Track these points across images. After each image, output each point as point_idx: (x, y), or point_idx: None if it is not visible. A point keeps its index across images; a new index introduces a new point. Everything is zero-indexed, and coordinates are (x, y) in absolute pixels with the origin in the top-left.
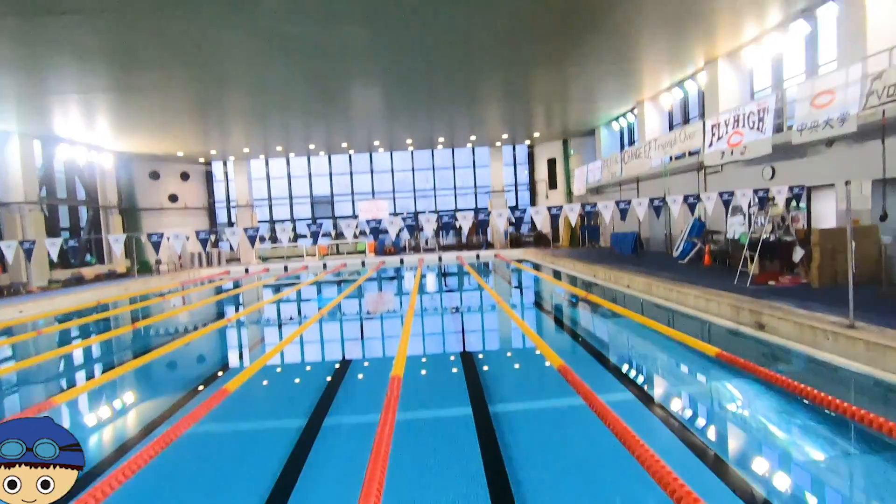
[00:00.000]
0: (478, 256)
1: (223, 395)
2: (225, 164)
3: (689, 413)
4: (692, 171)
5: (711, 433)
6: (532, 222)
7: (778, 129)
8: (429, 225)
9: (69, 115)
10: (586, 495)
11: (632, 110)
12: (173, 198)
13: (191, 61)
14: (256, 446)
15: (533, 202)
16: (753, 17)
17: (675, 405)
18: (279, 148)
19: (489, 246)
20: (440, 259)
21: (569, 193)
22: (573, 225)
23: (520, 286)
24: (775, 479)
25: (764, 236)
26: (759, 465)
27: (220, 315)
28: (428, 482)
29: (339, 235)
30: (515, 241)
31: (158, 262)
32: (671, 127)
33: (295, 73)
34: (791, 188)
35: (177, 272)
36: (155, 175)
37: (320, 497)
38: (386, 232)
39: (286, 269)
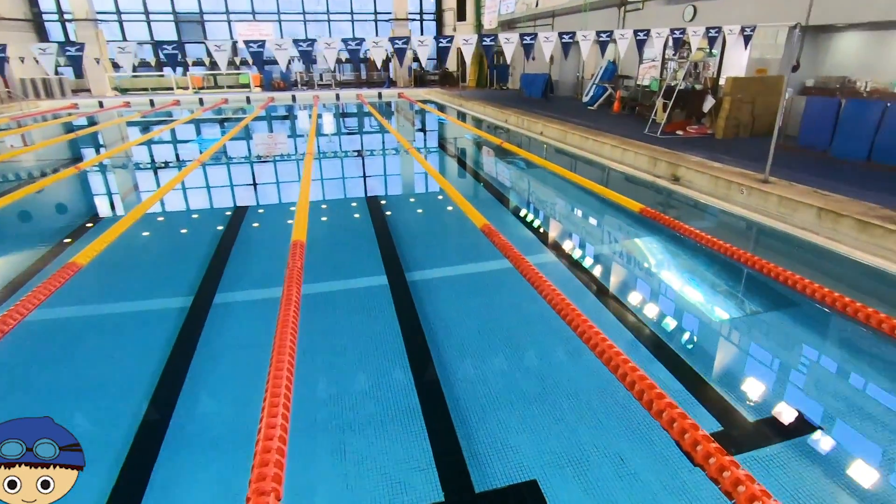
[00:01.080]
0: (380, 95)
1: (78, 266)
2: None
3: (614, 271)
4: (612, 7)
5: (632, 293)
6: (438, 58)
7: None
8: (329, 53)
9: None
10: (514, 359)
11: None
12: None
13: None
14: (134, 326)
15: (439, 34)
16: None
17: (601, 264)
18: None
19: (392, 84)
20: (338, 97)
21: (478, 26)
22: (483, 63)
23: (429, 131)
24: (695, 336)
25: (676, 83)
26: (681, 323)
27: (75, 160)
28: (341, 349)
29: (214, 65)
30: (420, 80)
31: None
32: None
33: None
34: (708, 30)
35: (3, 104)
36: None
37: (220, 381)
38: (273, 62)
39: (152, 103)
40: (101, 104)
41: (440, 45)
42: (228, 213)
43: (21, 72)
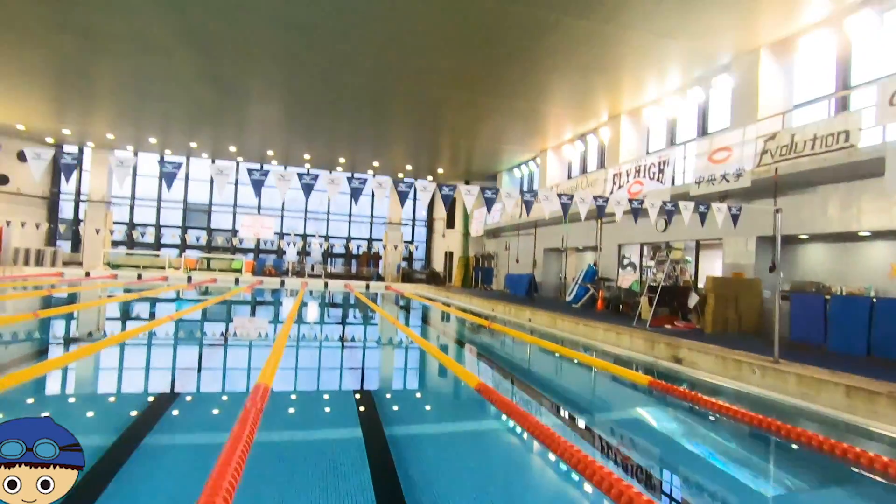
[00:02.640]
0: (367, 286)
1: None
2: (81, 150)
3: (629, 443)
4: (590, 220)
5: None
6: (426, 258)
7: (673, 182)
8: (318, 247)
9: None
10: None
11: (534, 159)
12: (3, 179)
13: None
14: None
15: (429, 239)
16: (655, 78)
17: (615, 435)
18: (153, 140)
19: (380, 278)
20: (326, 285)
21: (466, 234)
22: (468, 264)
23: (413, 309)
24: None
25: (661, 282)
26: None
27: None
28: None
29: (213, 249)
30: (407, 277)
31: None
32: (570, 178)
33: (185, 48)
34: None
35: None
36: None
37: None
38: (268, 251)
39: (140, 277)
40: (87, 274)
41: (428, 246)
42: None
43: (18, 241)
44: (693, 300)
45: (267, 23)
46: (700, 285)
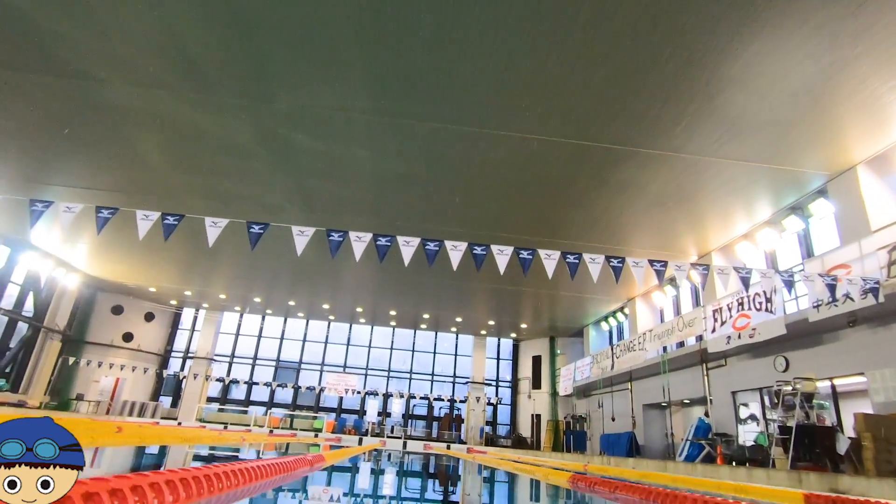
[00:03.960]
0: (448, 447)
1: None
2: (197, 310)
3: None
4: (694, 366)
5: None
6: (511, 422)
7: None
8: (398, 407)
9: (53, 220)
10: None
11: (622, 309)
12: (128, 337)
13: (205, 189)
14: None
15: (514, 400)
16: (743, 209)
17: None
18: (258, 300)
19: (461, 442)
20: (405, 446)
21: (554, 394)
22: (558, 428)
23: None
24: None
25: (796, 422)
26: None
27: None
28: None
29: (298, 407)
30: (490, 441)
31: (80, 396)
32: (663, 322)
33: (296, 207)
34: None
35: (96, 415)
36: (118, 310)
37: None
38: (351, 411)
39: (226, 427)
40: (178, 423)
41: (513, 408)
42: None
43: (128, 393)
44: (843, 444)
45: (366, 178)
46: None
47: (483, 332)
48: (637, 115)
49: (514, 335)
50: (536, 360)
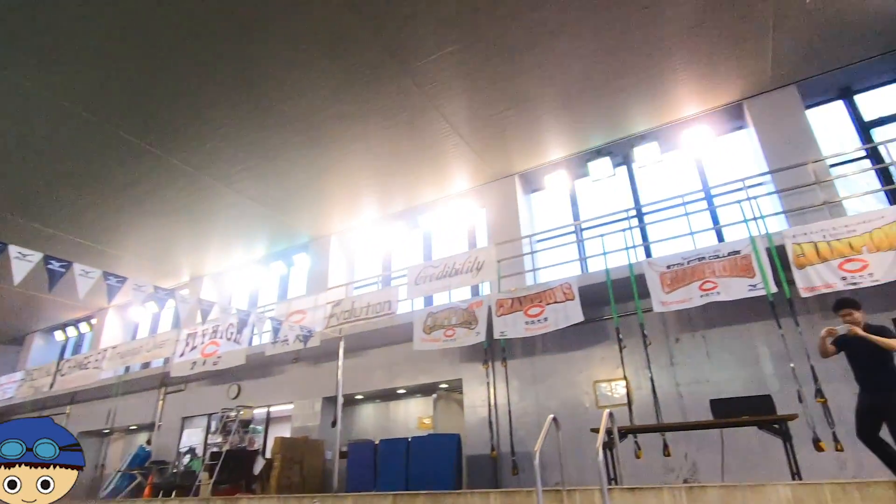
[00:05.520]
0: None
1: None
2: None
3: None
4: (152, 390)
5: None
6: None
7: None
8: None
9: None
10: None
11: (89, 319)
12: None
13: None
14: None
15: None
16: (243, 245)
17: None
18: None
19: None
20: None
21: None
22: None
23: None
24: None
25: (225, 448)
26: None
27: None
28: None
29: None
30: None
31: None
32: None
33: None
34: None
35: None
36: None
37: None
38: None
39: None
40: None
41: None
42: None
43: None
44: (259, 465)
45: None
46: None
47: None
48: (163, 117)
49: None
50: None
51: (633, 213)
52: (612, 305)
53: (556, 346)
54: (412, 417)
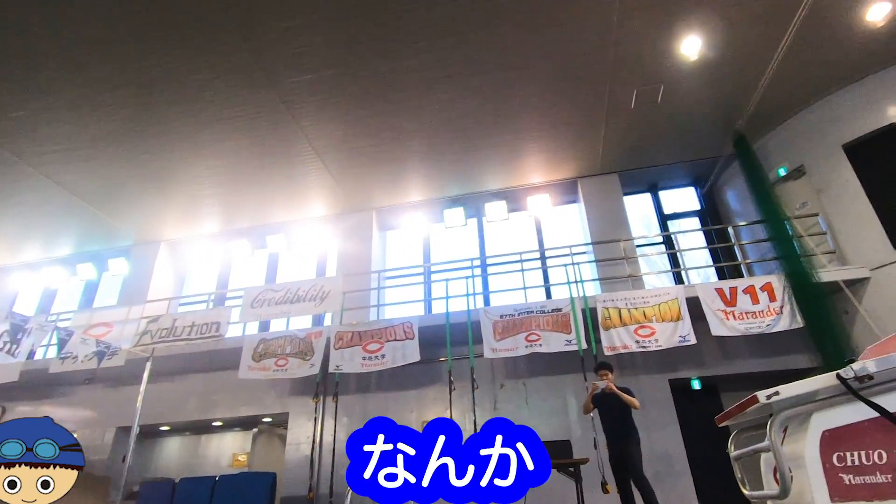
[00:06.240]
0: None
1: None
2: None
3: None
4: None
5: None
6: None
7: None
8: None
9: None
10: None
11: None
12: None
13: None
14: None
15: None
16: (40, 243)
17: None
18: None
19: None
20: None
21: None
22: None
23: None
24: None
25: None
26: None
27: None
28: None
29: None
30: None
31: None
32: None
33: None
34: None
35: None
36: None
37: None
38: None
39: None
40: None
41: None
42: None
43: None
44: None
45: None
46: None
47: None
48: None
49: None
50: None
51: (478, 262)
52: (448, 348)
53: (390, 383)
54: (226, 454)
